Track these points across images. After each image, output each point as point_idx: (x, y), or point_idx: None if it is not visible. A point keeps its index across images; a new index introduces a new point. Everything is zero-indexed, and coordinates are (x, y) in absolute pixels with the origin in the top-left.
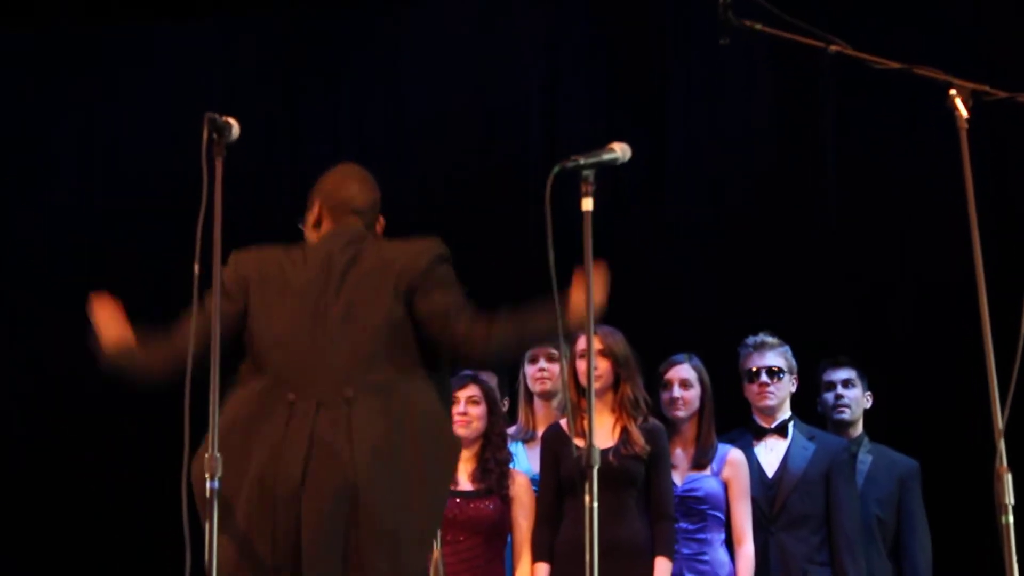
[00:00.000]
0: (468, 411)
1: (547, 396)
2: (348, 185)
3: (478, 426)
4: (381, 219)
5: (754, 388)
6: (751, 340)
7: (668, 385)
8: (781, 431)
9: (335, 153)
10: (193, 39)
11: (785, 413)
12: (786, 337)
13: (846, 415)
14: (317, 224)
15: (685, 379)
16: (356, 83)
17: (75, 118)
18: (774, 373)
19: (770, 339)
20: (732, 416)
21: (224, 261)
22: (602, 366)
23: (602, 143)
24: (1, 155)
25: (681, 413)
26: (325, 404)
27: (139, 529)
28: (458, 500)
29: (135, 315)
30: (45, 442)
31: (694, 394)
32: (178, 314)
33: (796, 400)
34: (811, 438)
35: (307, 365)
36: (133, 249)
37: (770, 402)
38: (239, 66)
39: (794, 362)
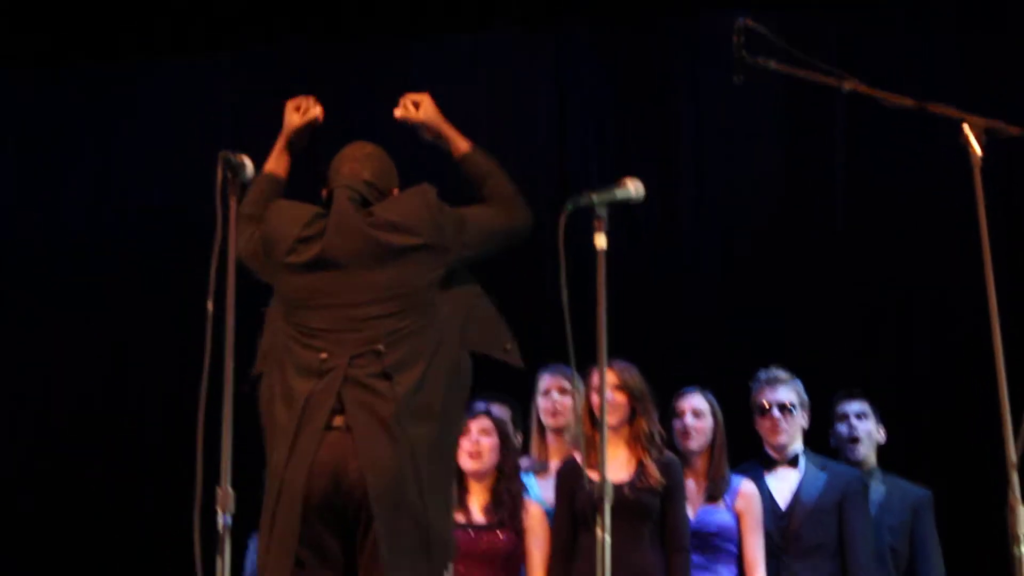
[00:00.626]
0: (480, 441)
1: (560, 430)
2: (341, 168)
3: (491, 458)
4: (395, 192)
5: (766, 423)
6: (763, 375)
7: (681, 414)
8: (792, 463)
9: None
10: (201, 73)
11: (797, 446)
12: (798, 370)
13: (859, 452)
14: (327, 204)
15: (698, 408)
16: (363, 115)
17: (87, 133)
18: (785, 408)
19: (782, 374)
20: (744, 451)
21: (237, 295)
22: (618, 400)
23: (611, 170)
24: (9, 157)
25: (693, 444)
26: (358, 357)
27: (143, 531)
28: (471, 532)
29: (140, 320)
30: (47, 443)
31: (706, 424)
32: (184, 325)
33: (809, 434)
34: (823, 468)
35: (338, 323)
36: (138, 252)
37: (782, 439)
38: (246, 101)
39: (806, 397)
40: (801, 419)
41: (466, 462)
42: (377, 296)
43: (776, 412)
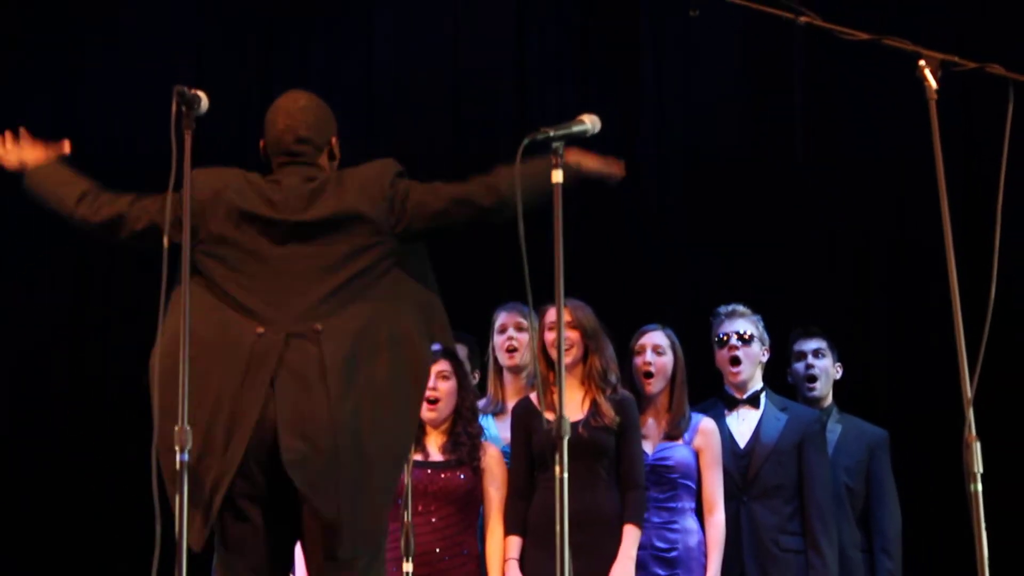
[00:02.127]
0: (438, 386)
1: (516, 370)
2: (276, 124)
3: (449, 403)
4: (333, 140)
5: (724, 353)
6: (723, 309)
7: (641, 351)
8: (753, 402)
9: None
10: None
11: (757, 384)
12: (757, 311)
13: (816, 389)
14: (266, 161)
15: (658, 345)
16: (327, 43)
17: (45, 86)
18: (744, 339)
19: (741, 308)
20: (704, 391)
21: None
22: (572, 337)
23: (572, 107)
24: None
25: (653, 381)
26: (295, 336)
27: (101, 472)
28: (428, 471)
29: (98, 256)
30: (12, 415)
31: (667, 360)
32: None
33: (768, 372)
34: (783, 409)
35: (274, 300)
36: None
37: (741, 371)
38: (211, 29)
39: (765, 333)
40: (760, 353)
41: (424, 410)
42: (316, 271)
43: (735, 340)
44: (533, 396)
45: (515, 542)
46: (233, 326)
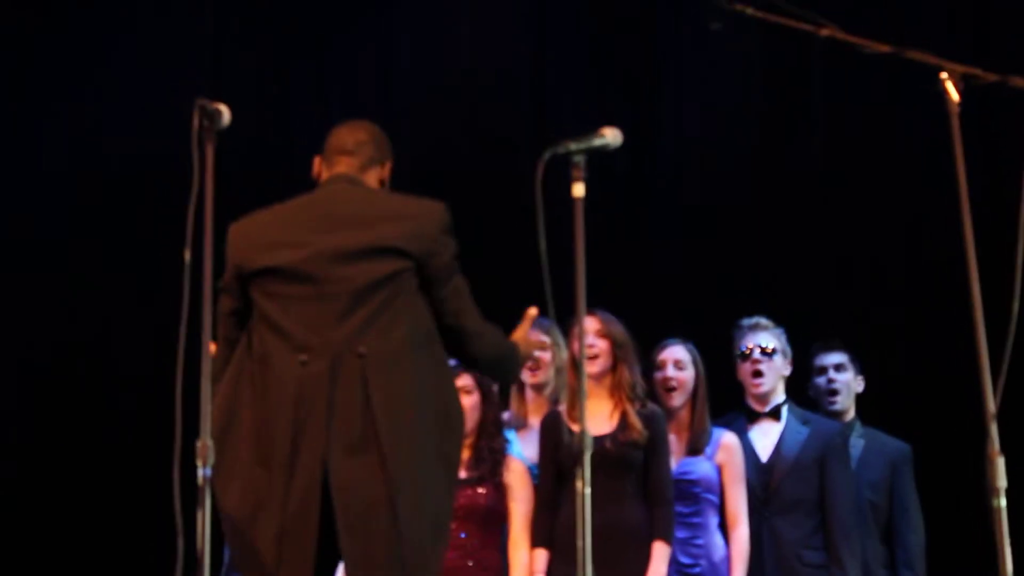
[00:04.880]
0: (461, 401)
1: (539, 387)
2: (337, 133)
3: (471, 417)
4: (387, 163)
5: (747, 366)
6: (745, 321)
7: (662, 366)
8: (775, 415)
9: (322, 126)
10: (181, 5)
11: (779, 397)
12: (778, 323)
13: (837, 403)
14: (319, 176)
15: (679, 359)
16: (344, 54)
17: (62, 96)
18: (767, 353)
19: (764, 320)
20: (725, 405)
21: (215, 245)
22: (601, 347)
23: (590, 117)
24: None
25: (675, 396)
26: (339, 362)
27: (122, 487)
28: None
29: (117, 270)
30: (23, 398)
31: (688, 375)
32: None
33: (789, 386)
34: (805, 422)
35: (314, 328)
36: (115, 202)
37: (763, 384)
38: (226, 36)
39: (788, 347)
40: (783, 367)
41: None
42: (357, 293)
43: (757, 354)
44: (563, 408)
45: (541, 556)
46: (275, 355)
